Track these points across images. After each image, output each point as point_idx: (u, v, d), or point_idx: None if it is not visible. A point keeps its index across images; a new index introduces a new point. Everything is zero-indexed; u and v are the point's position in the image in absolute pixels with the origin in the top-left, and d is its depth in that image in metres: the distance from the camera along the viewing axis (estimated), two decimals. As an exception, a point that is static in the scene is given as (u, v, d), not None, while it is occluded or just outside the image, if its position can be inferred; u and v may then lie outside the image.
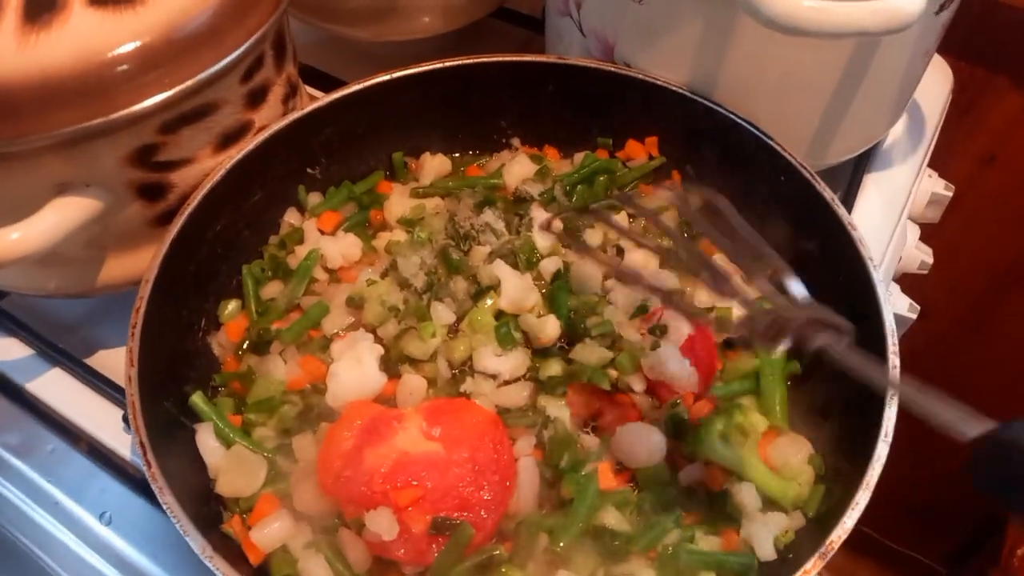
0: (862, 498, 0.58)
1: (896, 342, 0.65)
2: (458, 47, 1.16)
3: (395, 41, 1.11)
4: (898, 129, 1.10)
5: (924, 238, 1.19)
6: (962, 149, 1.41)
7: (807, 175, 0.77)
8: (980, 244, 1.56)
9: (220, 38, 0.70)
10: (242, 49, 0.70)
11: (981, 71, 1.31)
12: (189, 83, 0.67)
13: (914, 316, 1.12)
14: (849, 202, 0.98)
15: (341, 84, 1.09)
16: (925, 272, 1.18)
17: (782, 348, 0.58)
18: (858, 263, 0.71)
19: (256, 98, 0.78)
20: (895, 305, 1.10)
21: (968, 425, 0.46)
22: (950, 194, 1.20)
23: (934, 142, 1.15)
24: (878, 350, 0.65)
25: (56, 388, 0.81)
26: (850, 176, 1.01)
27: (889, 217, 1.02)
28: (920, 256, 1.17)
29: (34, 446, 0.77)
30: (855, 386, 0.68)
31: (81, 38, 0.62)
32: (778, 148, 0.80)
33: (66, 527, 0.73)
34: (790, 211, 0.80)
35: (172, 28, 0.66)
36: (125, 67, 0.64)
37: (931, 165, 1.19)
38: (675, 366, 0.71)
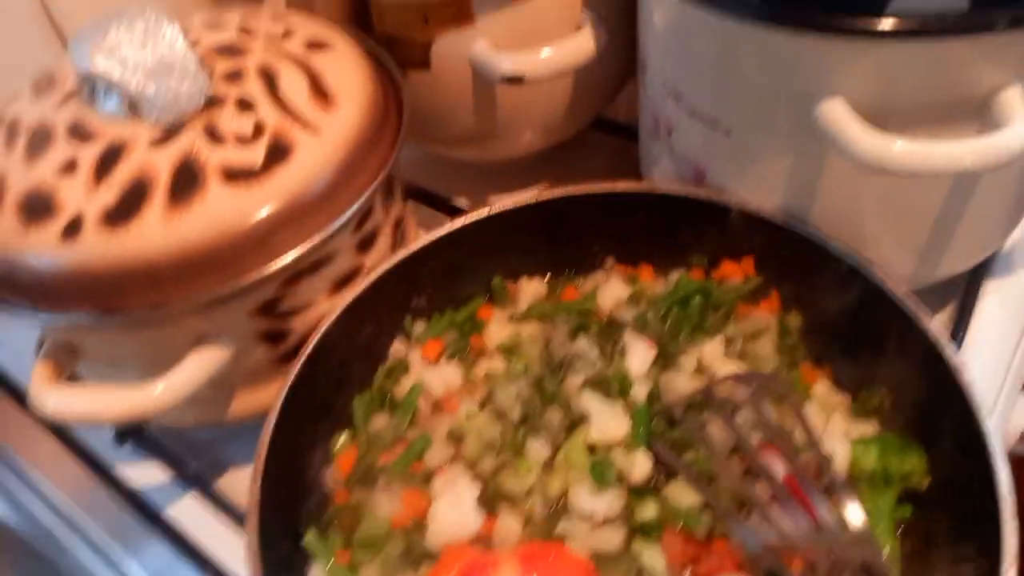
0: None
1: (1013, 505, 0.61)
2: (557, 158, 1.21)
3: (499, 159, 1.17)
4: (1020, 228, 1.04)
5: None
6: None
7: (910, 310, 0.75)
8: None
9: (335, 199, 0.76)
10: (354, 209, 0.76)
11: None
12: (309, 245, 0.73)
13: (1051, 428, 1.03)
14: (966, 315, 0.93)
15: (444, 201, 1.17)
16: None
17: None
18: (967, 412, 0.67)
19: (366, 243, 0.85)
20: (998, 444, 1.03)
21: None
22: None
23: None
24: (993, 516, 0.61)
25: (189, 513, 0.89)
26: (966, 286, 0.97)
27: (1013, 327, 0.96)
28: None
29: (168, 571, 0.84)
30: (966, 544, 0.66)
31: (217, 213, 0.70)
32: (877, 279, 0.77)
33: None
34: (894, 343, 0.77)
35: (294, 198, 0.73)
36: (254, 237, 0.71)
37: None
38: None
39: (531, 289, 0.96)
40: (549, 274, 0.99)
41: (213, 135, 0.72)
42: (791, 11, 0.67)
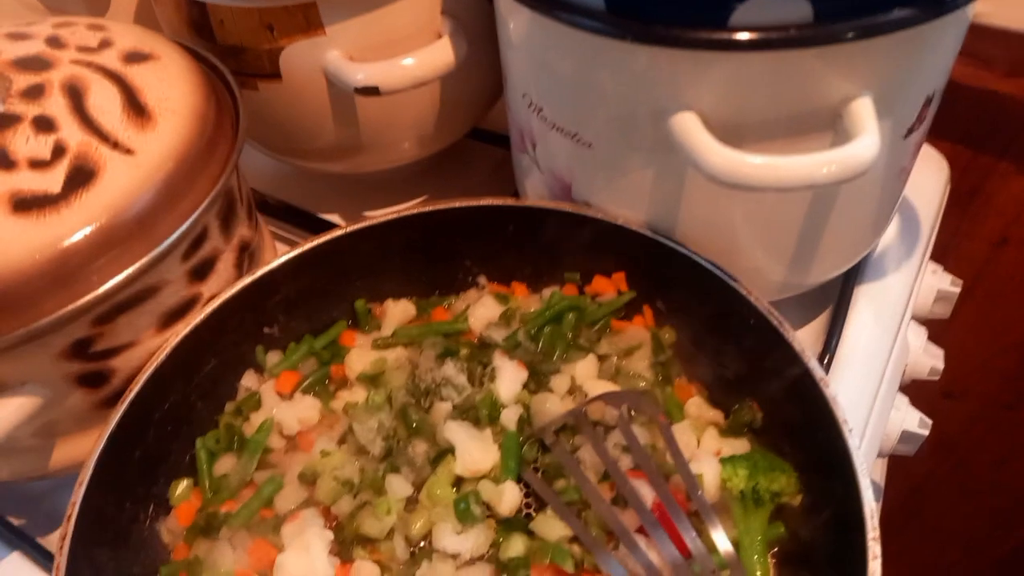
0: None
1: (876, 527, 0.59)
2: (432, 170, 1.16)
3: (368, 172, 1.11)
4: (890, 232, 1.05)
5: (940, 327, 1.12)
6: (971, 232, 1.34)
7: (775, 322, 0.72)
8: (1005, 324, 1.47)
9: (155, 225, 0.68)
10: (176, 236, 0.68)
11: (984, 157, 1.25)
12: (117, 280, 0.65)
13: (926, 432, 1.04)
14: (839, 321, 0.93)
15: (316, 219, 1.10)
16: (936, 378, 1.11)
17: None
18: (832, 427, 0.65)
19: (202, 271, 0.77)
20: (904, 421, 1.03)
21: None
22: (958, 289, 1.13)
23: (934, 236, 1.09)
24: (857, 536, 0.59)
25: (14, 572, 0.78)
26: (839, 291, 0.96)
27: (886, 330, 0.96)
28: (930, 362, 1.10)
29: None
30: (837, 561, 0.63)
31: (3, 249, 0.61)
32: (743, 291, 0.75)
33: None
34: (762, 356, 0.75)
35: (102, 226, 0.65)
36: (52, 272, 0.63)
37: (934, 257, 1.13)
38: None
39: (398, 311, 0.90)
40: (417, 295, 0.93)
41: (2, 160, 0.64)
42: (635, 24, 0.63)
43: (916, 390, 1.13)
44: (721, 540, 0.63)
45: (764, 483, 0.69)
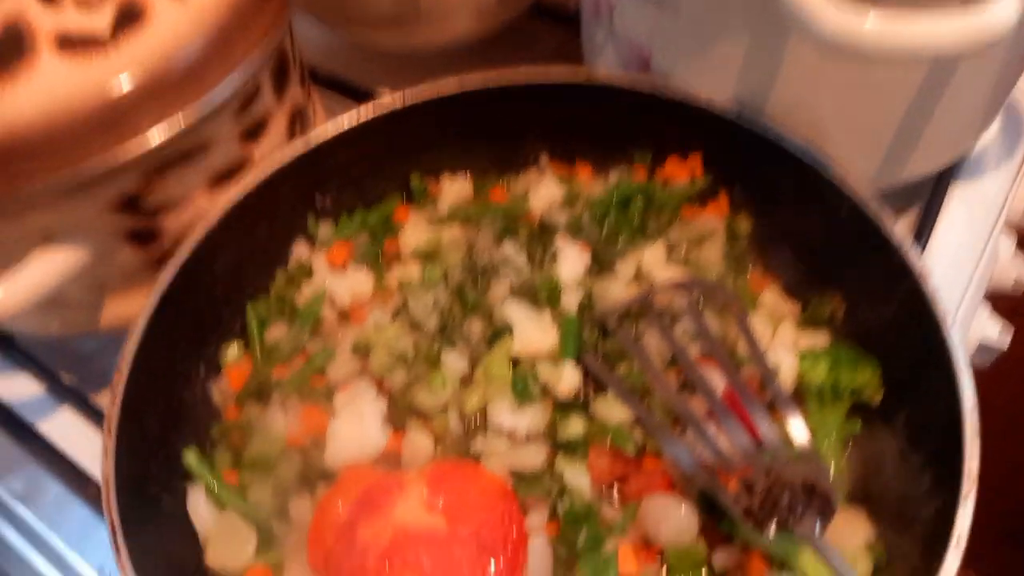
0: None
1: (976, 423, 0.55)
2: (490, 51, 1.08)
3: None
4: (991, 131, 0.96)
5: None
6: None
7: (871, 213, 0.66)
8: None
9: (206, 75, 0.64)
10: (228, 85, 0.64)
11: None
12: (174, 127, 0.61)
13: (1006, 343, 0.98)
14: (931, 217, 0.86)
15: (364, 94, 1.04)
16: (1021, 291, 1.04)
17: (769, 535, 0.56)
18: (930, 323, 0.60)
19: (254, 131, 0.73)
20: (983, 330, 0.97)
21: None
22: (1053, 199, 1.04)
23: (1036, 141, 1.00)
24: (954, 433, 0.55)
25: (64, 429, 0.79)
26: (932, 188, 0.89)
27: (978, 233, 0.89)
28: (1015, 272, 1.03)
29: (37, 491, 0.75)
30: (922, 462, 0.59)
31: (50, 88, 0.57)
32: (836, 180, 0.68)
33: (65, 579, 0.71)
34: (852, 248, 0.69)
35: (151, 71, 0.60)
36: (101, 118, 0.59)
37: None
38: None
39: (454, 189, 0.85)
40: (475, 173, 0.88)
41: (45, -3, 0.59)
42: None
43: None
44: (799, 430, 0.60)
45: (846, 377, 0.65)
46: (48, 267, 0.63)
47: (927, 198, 0.87)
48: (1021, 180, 0.99)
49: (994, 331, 0.98)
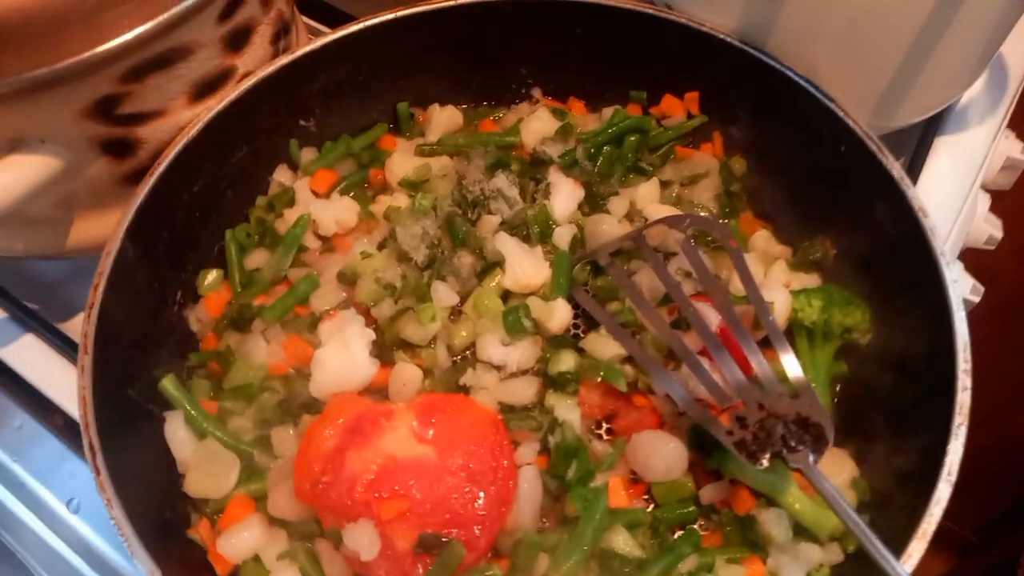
0: (916, 549, 0.50)
1: (968, 359, 0.55)
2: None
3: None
4: (976, 86, 0.96)
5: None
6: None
7: (873, 147, 0.66)
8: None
9: (188, -30, 0.59)
10: (212, -16, 0.60)
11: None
12: (149, 26, 0.57)
13: (977, 299, 1.00)
14: (916, 168, 0.86)
15: (348, 18, 0.99)
16: (992, 247, 1.06)
17: (763, 465, 0.56)
18: (927, 259, 0.60)
19: (237, 40, 0.68)
20: (959, 287, 0.99)
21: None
22: (1029, 159, 1.06)
23: (1015, 101, 1.01)
24: (947, 368, 0.55)
25: (29, 357, 0.75)
26: (919, 138, 0.89)
27: (960, 186, 0.89)
28: (989, 230, 1.04)
29: (1, 420, 0.71)
30: (911, 399, 0.60)
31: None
32: (840, 112, 0.68)
33: (32, 511, 0.68)
34: (849, 186, 0.69)
35: (129, -41, 0.56)
36: (72, 12, 0.55)
37: (1009, 126, 1.05)
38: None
39: (444, 117, 0.82)
40: (465, 104, 0.85)
41: None
42: None
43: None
44: (792, 365, 0.60)
45: (838, 316, 0.65)
46: (17, 173, 0.60)
47: (912, 151, 0.87)
48: (1000, 140, 1.00)
49: (967, 287, 1.00)
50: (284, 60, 0.72)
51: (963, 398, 0.53)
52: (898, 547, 0.50)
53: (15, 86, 0.56)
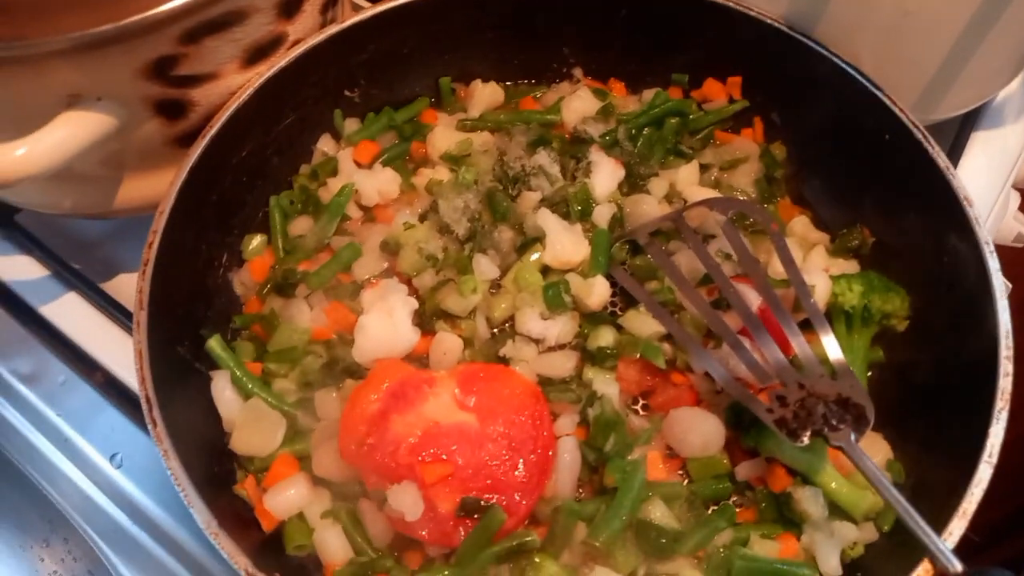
0: (957, 527, 0.51)
1: (1010, 345, 0.56)
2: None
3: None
4: (1013, 84, 0.96)
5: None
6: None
7: (919, 135, 0.66)
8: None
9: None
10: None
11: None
12: (210, -14, 0.57)
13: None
14: (952, 163, 0.86)
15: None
16: (1020, 245, 1.06)
17: (803, 443, 0.57)
18: (971, 246, 0.61)
19: (290, 7, 0.69)
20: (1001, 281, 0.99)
21: (952, 563, 0.49)
22: (1060, 159, 1.06)
23: (1051, 99, 1.01)
24: (989, 354, 0.56)
25: (72, 314, 0.76)
26: (956, 133, 0.89)
27: (995, 183, 0.90)
28: (1018, 227, 1.05)
29: (44, 374, 0.72)
30: (950, 385, 0.61)
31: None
32: (887, 101, 0.68)
33: (76, 465, 0.69)
34: (892, 174, 0.70)
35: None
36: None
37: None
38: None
39: (486, 94, 0.83)
40: (506, 81, 0.85)
41: None
42: None
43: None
44: (832, 347, 0.60)
45: (878, 302, 0.66)
46: (74, 129, 0.60)
47: (949, 145, 0.88)
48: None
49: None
50: (333, 29, 0.72)
51: (1004, 383, 0.54)
52: (938, 526, 0.51)
53: (78, 41, 0.56)
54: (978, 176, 0.88)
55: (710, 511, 0.62)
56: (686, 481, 0.64)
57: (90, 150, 0.63)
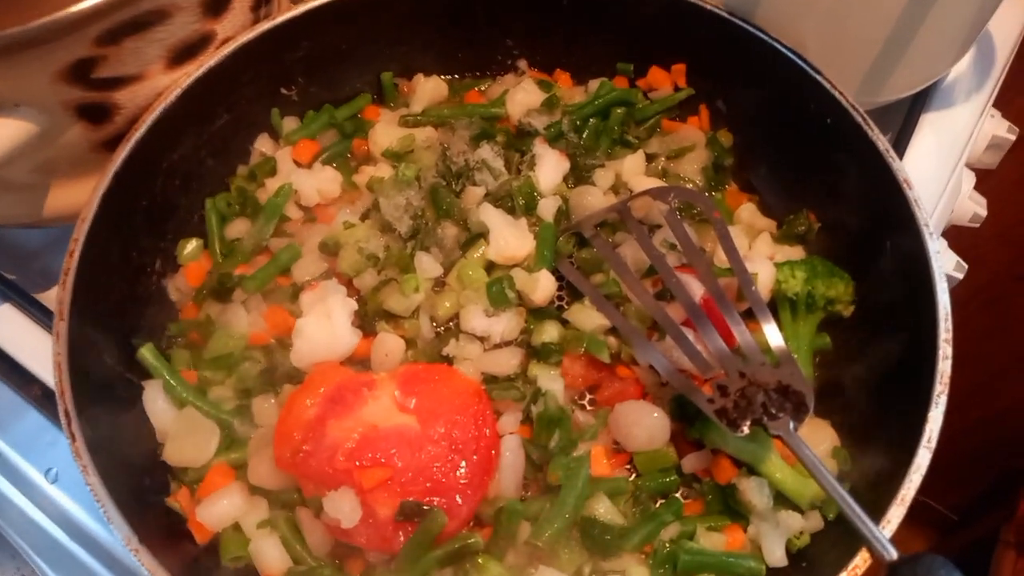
0: (895, 515, 0.50)
1: (949, 328, 0.56)
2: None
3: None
4: (963, 63, 0.96)
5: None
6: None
7: (858, 118, 0.66)
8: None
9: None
10: (191, -56, 0.58)
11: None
12: (125, -15, 0.56)
13: (960, 275, 1.00)
14: (902, 145, 0.86)
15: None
16: (976, 225, 1.06)
17: (743, 433, 0.56)
18: (911, 230, 0.60)
19: (217, 5, 0.67)
20: (943, 264, 0.99)
21: (887, 551, 0.47)
22: (1013, 137, 1.06)
23: (1002, 79, 1.01)
24: (928, 337, 0.55)
25: (7, 325, 0.74)
26: (905, 115, 0.89)
27: (945, 164, 0.90)
28: (973, 207, 1.05)
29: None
30: (894, 370, 0.60)
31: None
32: (826, 85, 0.68)
33: (10, 481, 0.67)
34: (834, 159, 0.69)
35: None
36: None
37: (995, 104, 1.05)
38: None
39: (428, 88, 0.81)
40: (450, 74, 0.84)
41: None
42: None
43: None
44: (773, 335, 0.60)
45: (821, 288, 0.65)
46: (-4, 136, 0.58)
47: (899, 127, 0.87)
48: (985, 118, 1.00)
49: (951, 264, 1.00)
50: (265, 26, 0.70)
51: (944, 367, 0.54)
52: (878, 513, 0.50)
53: (-10, 47, 0.54)
54: (928, 157, 0.88)
55: (657, 505, 0.61)
56: (633, 476, 0.63)
57: (12, 158, 0.61)
